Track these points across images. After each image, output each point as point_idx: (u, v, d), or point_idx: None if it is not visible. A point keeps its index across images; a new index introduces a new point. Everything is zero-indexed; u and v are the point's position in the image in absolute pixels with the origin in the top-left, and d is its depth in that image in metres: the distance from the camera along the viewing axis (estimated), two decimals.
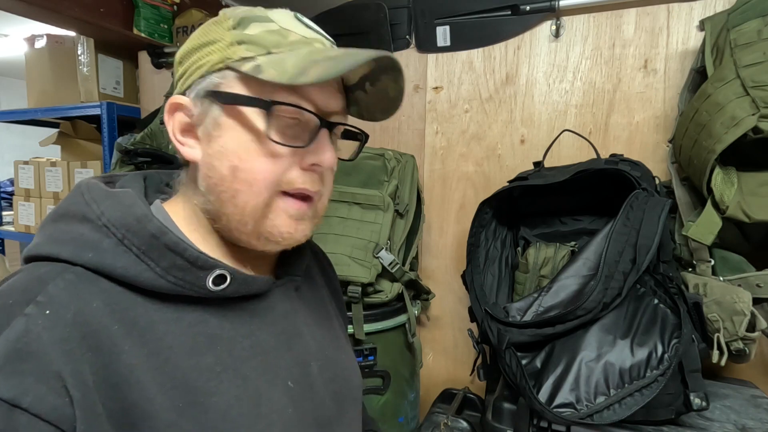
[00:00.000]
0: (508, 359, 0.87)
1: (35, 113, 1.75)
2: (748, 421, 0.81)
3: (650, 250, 0.80)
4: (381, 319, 1.17)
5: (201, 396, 0.40)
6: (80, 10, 1.26)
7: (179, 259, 0.41)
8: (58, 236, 0.41)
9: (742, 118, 0.82)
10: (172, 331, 0.41)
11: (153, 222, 0.41)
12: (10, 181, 4.13)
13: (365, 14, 1.39)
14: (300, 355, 0.50)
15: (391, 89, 0.49)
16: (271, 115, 0.43)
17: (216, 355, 0.42)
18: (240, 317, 0.46)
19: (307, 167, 0.46)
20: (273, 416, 0.44)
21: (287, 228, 0.46)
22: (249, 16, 0.45)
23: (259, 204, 0.44)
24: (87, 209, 0.41)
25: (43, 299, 0.36)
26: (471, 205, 1.35)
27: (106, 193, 0.42)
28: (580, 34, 1.21)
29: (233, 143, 0.44)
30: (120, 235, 0.40)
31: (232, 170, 0.44)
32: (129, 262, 0.40)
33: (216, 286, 0.43)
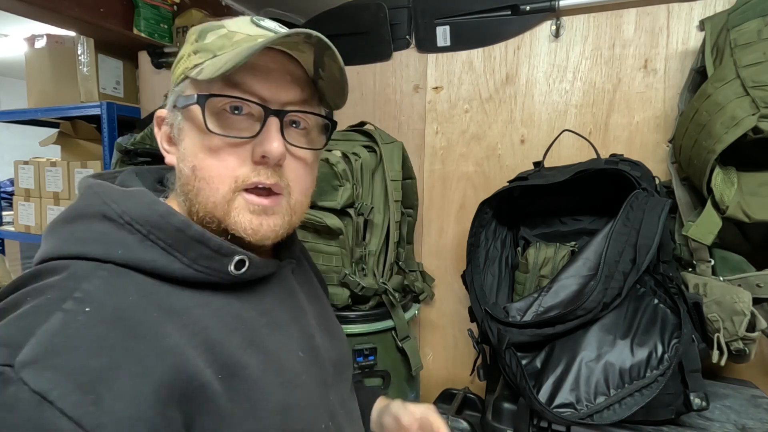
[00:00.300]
0: (508, 359, 0.87)
1: (35, 113, 1.75)
2: (748, 421, 0.81)
3: (650, 250, 0.80)
4: (381, 319, 1.17)
5: (237, 369, 0.43)
6: (80, 10, 1.26)
7: (205, 248, 0.44)
8: (81, 236, 0.42)
9: (742, 118, 0.82)
10: (205, 314, 0.44)
11: (177, 216, 0.44)
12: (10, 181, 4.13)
13: (365, 14, 1.39)
14: (305, 328, 0.55)
15: (335, 70, 0.50)
16: (206, 109, 0.46)
17: (242, 332, 0.46)
18: (256, 298, 0.50)
19: (258, 160, 0.47)
20: (293, 382, 0.49)
21: (250, 224, 0.47)
22: (207, 27, 0.49)
23: (218, 200, 0.47)
24: (107, 209, 0.43)
25: (81, 295, 0.38)
26: (471, 205, 1.35)
27: (124, 193, 0.45)
28: (580, 34, 1.21)
29: (190, 143, 0.48)
30: (145, 231, 0.43)
31: (193, 169, 0.47)
32: (157, 255, 0.43)
33: (237, 270, 0.47)
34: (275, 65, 0.48)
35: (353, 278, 1.12)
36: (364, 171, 1.14)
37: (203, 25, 0.50)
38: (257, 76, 0.46)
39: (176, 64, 0.51)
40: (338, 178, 1.09)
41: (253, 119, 0.48)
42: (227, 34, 0.48)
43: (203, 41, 0.48)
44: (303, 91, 0.50)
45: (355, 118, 1.34)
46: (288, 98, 0.48)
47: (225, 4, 1.75)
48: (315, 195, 1.12)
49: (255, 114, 0.48)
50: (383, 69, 1.45)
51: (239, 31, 0.48)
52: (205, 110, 0.46)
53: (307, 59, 0.49)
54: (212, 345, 0.42)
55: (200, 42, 0.48)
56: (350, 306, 1.16)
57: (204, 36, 0.48)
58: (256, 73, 0.46)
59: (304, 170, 0.52)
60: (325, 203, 1.11)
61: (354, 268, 1.14)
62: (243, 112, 0.47)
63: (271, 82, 0.47)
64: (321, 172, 1.11)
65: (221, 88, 0.46)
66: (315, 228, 1.13)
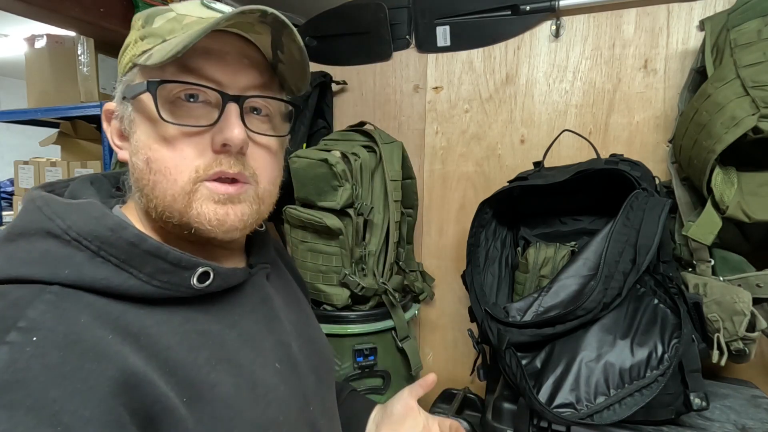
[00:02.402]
0: (508, 359, 0.87)
1: (35, 113, 1.75)
2: (748, 421, 0.81)
3: (650, 250, 0.80)
4: (381, 319, 1.17)
5: (204, 389, 0.40)
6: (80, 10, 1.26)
7: (162, 263, 0.41)
8: (22, 256, 0.38)
9: (742, 118, 0.82)
10: (164, 333, 0.40)
11: (129, 230, 0.40)
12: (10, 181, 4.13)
13: (365, 14, 1.39)
14: (281, 337, 0.52)
15: (295, 50, 0.46)
16: (158, 96, 0.42)
17: (209, 349, 0.43)
18: (223, 310, 0.47)
19: (219, 149, 0.44)
20: (269, 396, 0.46)
21: (214, 214, 0.44)
22: (154, 11, 0.46)
23: (177, 192, 0.43)
24: (50, 224, 0.39)
25: (25, 324, 0.34)
26: (471, 205, 1.35)
27: (69, 206, 0.41)
28: (580, 34, 1.21)
29: (143, 135, 0.44)
30: (95, 247, 0.39)
31: (147, 162, 0.44)
32: (109, 272, 0.39)
33: (201, 283, 0.43)
34: (230, 48, 0.45)
35: (353, 278, 1.12)
36: (363, 171, 1.14)
37: (149, 10, 0.46)
38: (212, 60, 0.43)
39: (122, 52, 0.47)
40: (337, 178, 1.09)
41: (211, 106, 0.44)
42: (176, 18, 0.45)
43: (150, 26, 0.45)
44: (262, 75, 0.47)
45: (355, 118, 1.35)
46: (247, 83, 0.46)
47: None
48: (314, 195, 1.13)
49: (212, 101, 0.44)
50: (383, 69, 1.45)
51: (189, 14, 0.45)
52: (158, 98, 0.42)
53: (264, 41, 0.46)
54: (173, 367, 0.39)
55: (147, 27, 0.45)
56: (350, 306, 1.16)
57: (151, 21, 0.45)
58: (211, 57, 0.44)
59: (270, 158, 0.49)
60: (325, 203, 1.11)
61: (354, 268, 1.14)
62: (199, 100, 0.44)
63: (228, 66, 0.44)
64: (320, 172, 1.11)
65: (174, 74, 0.43)
66: (315, 228, 1.13)
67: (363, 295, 1.14)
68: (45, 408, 0.32)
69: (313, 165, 1.11)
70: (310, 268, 1.16)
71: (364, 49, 1.44)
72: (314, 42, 1.49)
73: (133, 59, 0.45)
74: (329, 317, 1.15)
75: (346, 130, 1.28)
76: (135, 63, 0.45)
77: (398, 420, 0.64)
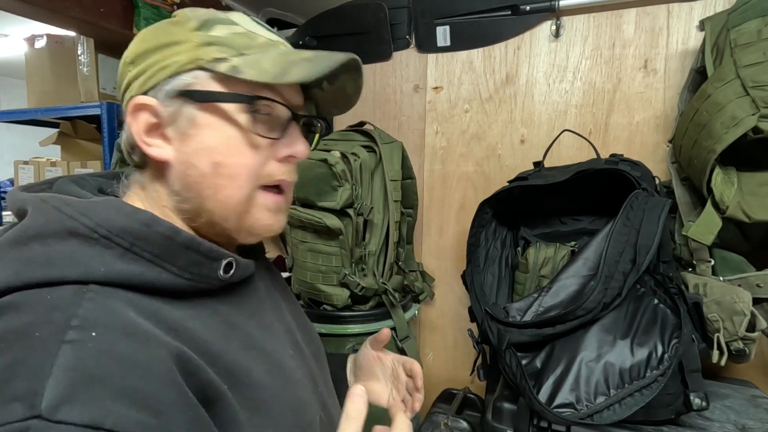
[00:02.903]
0: (508, 359, 0.87)
1: (35, 113, 1.75)
2: (748, 421, 0.81)
3: (650, 250, 0.80)
4: (381, 319, 1.17)
5: (242, 375, 0.42)
6: (80, 10, 1.26)
7: (196, 254, 0.42)
8: (41, 259, 0.37)
9: (742, 118, 0.82)
10: (198, 326, 0.42)
11: (163, 223, 0.41)
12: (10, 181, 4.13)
13: (365, 14, 1.39)
14: (287, 325, 0.56)
15: (349, 87, 0.52)
16: (254, 110, 0.45)
17: (239, 338, 0.45)
18: (241, 301, 0.49)
19: (282, 159, 0.48)
20: (294, 378, 0.49)
21: (268, 221, 0.49)
22: (212, 18, 0.46)
23: (241, 198, 0.46)
24: (74, 224, 0.38)
25: (79, 323, 0.34)
26: (471, 205, 1.35)
27: (93, 204, 0.40)
28: (580, 34, 1.21)
29: (213, 140, 0.45)
30: (127, 243, 0.39)
31: (214, 166, 0.44)
32: (143, 268, 0.39)
33: (225, 273, 0.45)
34: None
35: (353, 278, 1.12)
36: (363, 171, 1.14)
37: (202, 14, 0.46)
38: (294, 82, 0.46)
39: (168, 47, 0.45)
40: (337, 178, 1.09)
41: (277, 121, 0.48)
42: (248, 34, 0.46)
43: (210, 32, 0.45)
44: (302, 95, 0.52)
45: (355, 118, 1.34)
46: (298, 102, 0.50)
47: (225, 4, 1.75)
48: (314, 195, 1.13)
49: (282, 116, 0.48)
50: (383, 69, 1.45)
51: (257, 33, 0.47)
52: (254, 113, 0.45)
53: None
54: (213, 357, 0.40)
55: (206, 32, 0.45)
56: (350, 306, 1.16)
57: (210, 27, 0.45)
58: None
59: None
60: (325, 203, 1.11)
61: (354, 268, 1.14)
62: (273, 114, 0.47)
63: (292, 87, 0.49)
64: (320, 172, 1.11)
65: (260, 90, 0.46)
66: (315, 228, 1.13)
67: (363, 295, 1.14)
68: (129, 395, 0.32)
69: (313, 165, 1.11)
70: (310, 268, 1.16)
71: (364, 49, 1.44)
72: (314, 42, 1.49)
73: (198, 62, 0.44)
74: (329, 317, 1.15)
75: (345, 130, 1.28)
76: (203, 67, 0.44)
77: (367, 372, 0.70)
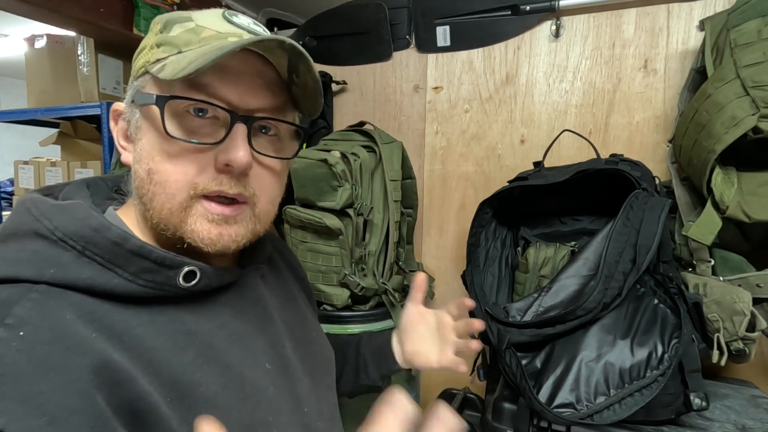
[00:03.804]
0: (508, 359, 0.87)
1: (35, 113, 1.75)
2: (748, 421, 0.81)
3: (650, 250, 0.80)
4: (381, 319, 1.17)
5: (188, 389, 0.41)
6: (80, 10, 1.26)
7: (146, 262, 0.41)
8: (12, 257, 0.39)
9: (742, 118, 0.82)
10: (150, 333, 0.41)
11: (112, 230, 0.40)
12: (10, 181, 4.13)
13: (365, 14, 1.39)
14: (273, 338, 0.52)
15: (310, 80, 0.46)
16: (166, 111, 0.42)
17: (196, 349, 0.43)
18: (212, 310, 0.47)
19: (221, 168, 0.43)
20: (258, 396, 0.46)
21: (208, 233, 0.44)
22: (173, 17, 0.45)
23: (174, 207, 0.43)
24: (38, 225, 0.40)
25: (11, 321, 0.35)
26: (471, 205, 1.35)
27: (56, 207, 0.41)
28: (580, 34, 1.21)
29: (148, 145, 0.44)
30: (80, 247, 0.39)
31: (148, 172, 0.44)
32: (94, 272, 0.39)
33: (187, 282, 0.43)
34: (246, 67, 0.44)
35: (353, 278, 1.12)
36: (363, 171, 1.14)
37: (170, 15, 0.46)
38: (225, 78, 0.43)
39: (137, 54, 0.47)
40: (337, 178, 1.09)
41: (218, 124, 0.44)
42: (195, 29, 0.44)
43: (168, 33, 0.44)
44: (275, 96, 0.47)
45: (355, 118, 1.35)
46: (258, 104, 0.45)
47: (225, 4, 1.75)
48: (314, 195, 1.13)
49: (221, 118, 0.44)
50: (383, 69, 1.45)
51: (208, 26, 0.44)
52: (165, 112, 0.42)
53: (281, 62, 0.46)
54: (158, 367, 0.40)
55: (165, 33, 0.44)
56: (350, 306, 1.16)
57: (170, 27, 0.44)
58: (225, 76, 0.43)
59: (272, 178, 0.48)
60: (325, 203, 1.11)
61: (354, 268, 1.14)
62: (207, 115, 0.44)
63: (241, 85, 0.44)
64: (320, 172, 1.11)
65: (184, 89, 0.42)
66: (315, 228, 1.13)
67: (363, 295, 1.14)
68: (32, 399, 0.33)
69: (313, 165, 1.11)
70: (310, 268, 1.16)
71: (364, 49, 1.44)
72: (314, 42, 1.49)
73: (146, 65, 0.44)
74: (329, 317, 1.15)
75: (345, 130, 1.28)
76: (147, 70, 0.44)
77: (412, 332, 0.70)
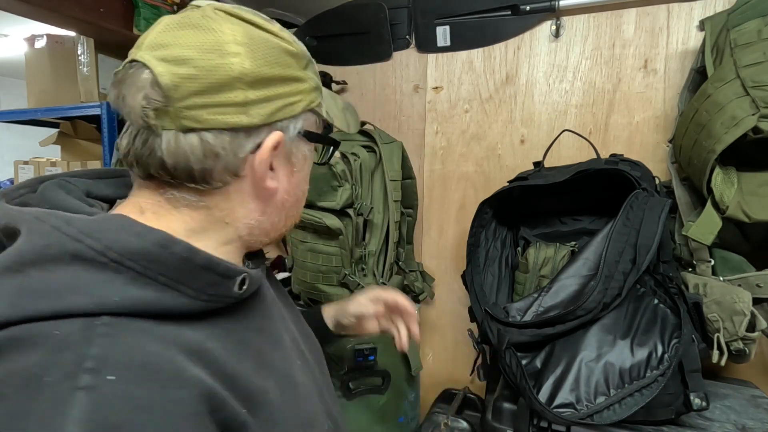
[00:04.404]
0: (508, 359, 0.87)
1: (35, 113, 1.75)
2: (748, 421, 0.81)
3: (650, 250, 0.80)
4: None
5: (259, 396, 0.41)
6: (80, 10, 1.26)
7: (213, 275, 0.39)
8: (39, 288, 0.33)
9: (742, 118, 0.82)
10: (216, 347, 0.39)
11: (179, 244, 0.37)
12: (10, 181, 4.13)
13: (365, 14, 1.39)
14: (291, 334, 0.55)
15: None
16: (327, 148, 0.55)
17: (252, 357, 0.43)
18: (248, 316, 0.46)
19: None
20: (305, 392, 0.49)
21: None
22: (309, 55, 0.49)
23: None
24: (79, 246, 0.34)
25: (93, 365, 0.31)
26: (471, 205, 1.35)
27: (97, 222, 0.36)
28: (580, 34, 1.21)
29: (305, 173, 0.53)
30: (140, 267, 0.35)
31: (303, 193, 0.54)
32: (158, 293, 0.36)
33: (239, 290, 0.42)
34: None
35: (353, 278, 1.12)
36: (363, 171, 1.14)
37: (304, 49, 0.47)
38: None
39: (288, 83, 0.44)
40: (337, 178, 1.09)
41: None
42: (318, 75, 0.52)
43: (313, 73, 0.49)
44: None
45: None
46: None
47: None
48: (314, 195, 1.13)
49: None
50: (383, 69, 1.45)
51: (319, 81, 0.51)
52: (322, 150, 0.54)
53: None
54: (233, 380, 0.38)
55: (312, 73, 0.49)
56: None
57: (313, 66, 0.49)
58: None
59: None
60: (325, 203, 1.11)
61: (354, 268, 1.14)
62: None
63: None
64: (320, 172, 1.11)
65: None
66: (315, 228, 1.13)
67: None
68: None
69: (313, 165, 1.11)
70: (310, 268, 1.16)
71: (364, 49, 1.44)
72: (314, 42, 1.49)
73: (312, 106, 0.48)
74: None
75: None
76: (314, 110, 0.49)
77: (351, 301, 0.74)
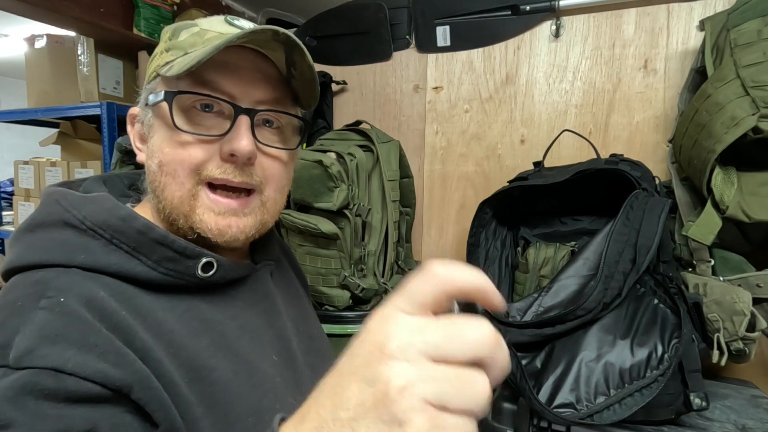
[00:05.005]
0: None
1: (35, 113, 1.75)
2: (748, 421, 0.81)
3: (650, 251, 0.80)
4: None
5: (204, 372, 0.43)
6: (80, 10, 1.26)
7: (168, 251, 0.44)
8: (42, 245, 0.42)
9: (742, 118, 0.82)
10: (170, 318, 0.43)
11: (138, 219, 0.44)
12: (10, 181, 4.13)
13: (365, 14, 1.39)
14: (280, 331, 0.55)
15: (306, 68, 0.49)
16: (174, 106, 0.46)
17: (211, 336, 0.45)
18: (225, 301, 0.49)
19: (226, 158, 0.46)
20: (265, 385, 0.48)
21: (216, 225, 0.47)
22: (180, 25, 0.49)
23: (184, 195, 0.46)
24: (68, 215, 0.43)
25: (53, 293, 0.38)
26: (471, 205, 1.35)
27: (84, 199, 0.44)
28: (580, 34, 1.21)
29: (158, 140, 0.48)
30: (108, 235, 0.42)
31: (159, 165, 0.47)
32: (121, 258, 0.42)
33: (205, 273, 0.46)
34: (245, 63, 0.48)
35: (353, 280, 1.12)
36: (360, 171, 1.13)
37: (177, 24, 0.50)
38: (226, 73, 0.46)
39: (150, 61, 0.51)
40: (333, 179, 1.09)
41: (223, 117, 0.47)
42: (199, 32, 0.48)
43: (176, 39, 0.48)
44: (275, 89, 0.50)
45: (355, 118, 1.34)
46: (259, 97, 0.48)
47: (225, 4, 1.75)
48: (310, 196, 1.13)
49: (225, 112, 0.47)
50: (383, 69, 1.45)
51: (211, 29, 0.48)
52: (173, 107, 0.46)
53: (279, 57, 0.49)
54: (177, 349, 0.42)
55: (173, 40, 0.48)
56: (352, 307, 1.16)
57: (177, 34, 0.49)
58: (226, 71, 0.46)
59: (279, 168, 0.51)
60: (321, 204, 1.11)
61: (353, 269, 1.14)
62: (213, 110, 0.47)
63: (241, 79, 0.47)
64: (315, 173, 1.10)
65: (190, 86, 0.46)
66: (311, 233, 1.13)
67: (364, 297, 1.14)
68: (91, 349, 0.36)
69: (308, 166, 1.10)
70: (310, 271, 1.16)
71: (364, 49, 1.44)
72: (314, 42, 1.49)
73: (156, 69, 0.48)
74: (330, 317, 1.14)
75: (342, 129, 1.27)
76: (158, 73, 0.48)
77: None
